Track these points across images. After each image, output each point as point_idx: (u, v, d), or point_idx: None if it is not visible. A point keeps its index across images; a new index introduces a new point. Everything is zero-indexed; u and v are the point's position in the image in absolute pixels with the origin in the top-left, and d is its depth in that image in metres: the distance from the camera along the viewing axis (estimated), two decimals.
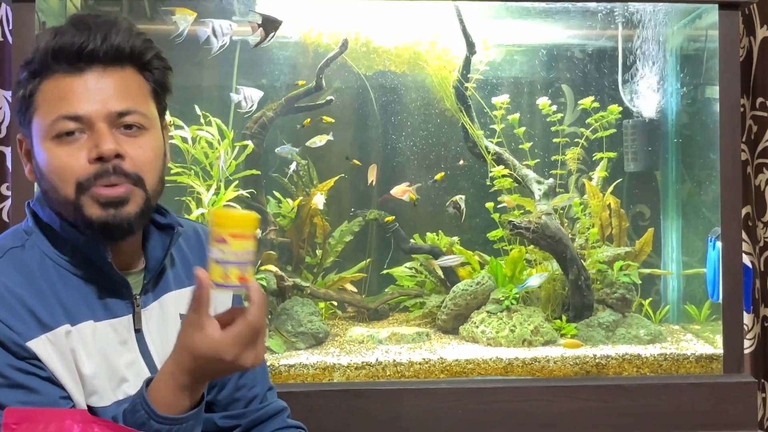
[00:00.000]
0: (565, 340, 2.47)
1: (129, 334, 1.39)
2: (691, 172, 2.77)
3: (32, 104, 1.33)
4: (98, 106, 1.30)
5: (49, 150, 1.31)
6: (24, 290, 1.29)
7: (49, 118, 1.30)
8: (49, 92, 1.31)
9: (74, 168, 1.29)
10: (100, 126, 1.30)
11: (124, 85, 1.33)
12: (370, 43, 2.68)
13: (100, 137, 1.29)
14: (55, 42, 1.30)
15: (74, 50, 1.30)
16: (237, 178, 2.63)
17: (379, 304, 2.75)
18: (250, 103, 2.54)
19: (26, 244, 1.35)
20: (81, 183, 1.29)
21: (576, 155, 2.75)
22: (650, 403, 2.23)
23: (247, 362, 1.25)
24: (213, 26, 2.37)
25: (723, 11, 2.29)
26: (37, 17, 2.16)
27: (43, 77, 1.32)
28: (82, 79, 1.31)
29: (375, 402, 2.18)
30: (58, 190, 1.31)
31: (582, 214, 2.75)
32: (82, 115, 1.29)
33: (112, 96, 1.31)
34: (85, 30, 1.31)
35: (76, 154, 1.29)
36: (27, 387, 1.24)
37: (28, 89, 1.33)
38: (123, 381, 1.36)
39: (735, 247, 2.31)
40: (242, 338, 1.23)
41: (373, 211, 2.78)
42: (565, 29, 2.78)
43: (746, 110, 2.55)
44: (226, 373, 1.30)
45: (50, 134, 1.30)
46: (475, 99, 2.73)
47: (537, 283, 2.54)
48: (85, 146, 1.30)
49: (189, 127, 2.57)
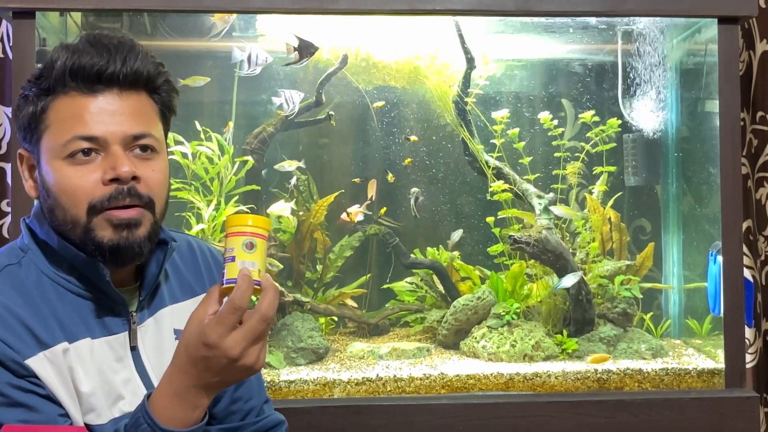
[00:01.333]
0: (591, 356, 2.46)
1: (125, 351, 1.38)
2: (691, 186, 2.77)
3: (42, 121, 1.32)
4: (114, 128, 1.30)
5: (61, 169, 1.30)
6: (21, 308, 1.28)
7: (63, 137, 1.30)
8: (62, 111, 1.31)
9: (87, 189, 1.29)
10: (116, 148, 1.30)
11: (139, 109, 1.34)
12: (370, 58, 2.69)
13: (117, 159, 1.29)
14: (73, 61, 1.30)
15: (94, 72, 1.30)
16: (237, 194, 2.63)
17: (379, 320, 2.74)
18: (291, 105, 2.53)
19: (22, 261, 1.35)
20: (94, 205, 1.29)
21: (576, 169, 2.75)
22: (652, 419, 2.22)
23: (250, 359, 1.22)
24: (250, 53, 2.42)
25: (722, 25, 2.30)
26: (38, 34, 2.17)
27: (57, 95, 1.31)
28: (97, 100, 1.31)
29: (376, 418, 2.18)
30: (68, 210, 1.31)
31: (583, 229, 2.75)
32: (98, 136, 1.30)
33: (128, 119, 1.32)
34: (105, 52, 1.31)
35: (89, 176, 1.29)
36: (26, 405, 1.24)
37: (39, 106, 1.32)
38: (119, 399, 1.35)
39: (736, 261, 2.31)
40: (252, 331, 1.21)
41: (372, 226, 2.78)
42: (564, 44, 2.78)
43: (746, 124, 2.56)
44: (228, 375, 1.24)
45: (63, 153, 1.30)
46: (474, 113, 2.73)
47: (570, 284, 2.52)
48: (99, 168, 1.30)
49: (189, 142, 2.57)
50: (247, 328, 1.21)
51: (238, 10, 2.34)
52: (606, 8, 2.30)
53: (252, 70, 2.43)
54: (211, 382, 1.24)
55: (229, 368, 1.22)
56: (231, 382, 1.28)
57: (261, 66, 2.45)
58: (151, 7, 2.30)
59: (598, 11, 2.34)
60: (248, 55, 2.43)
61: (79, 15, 2.47)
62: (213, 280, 1.55)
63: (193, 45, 2.67)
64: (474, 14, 2.38)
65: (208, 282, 1.55)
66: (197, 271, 1.55)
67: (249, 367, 1.23)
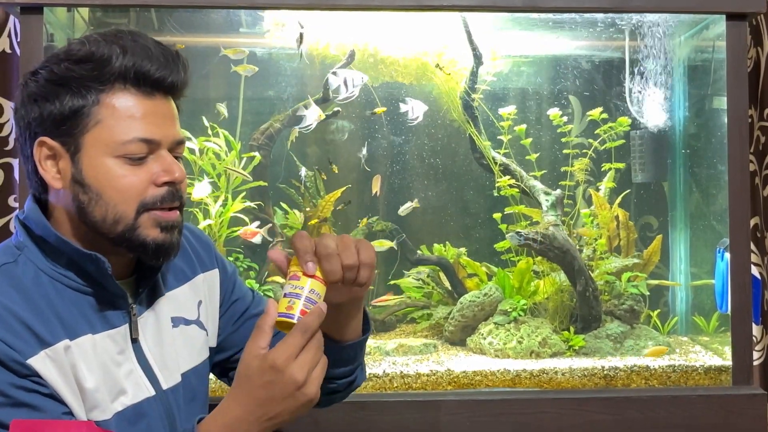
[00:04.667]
0: (648, 350, 2.47)
1: (126, 343, 1.38)
2: (698, 183, 2.76)
3: (91, 115, 1.31)
4: (167, 132, 1.35)
5: (115, 167, 1.31)
6: (20, 307, 1.27)
7: (121, 136, 1.31)
8: (121, 109, 1.31)
9: (140, 188, 1.32)
10: (165, 152, 1.35)
11: (176, 114, 1.40)
12: (378, 53, 2.69)
13: (171, 163, 1.34)
14: (136, 64, 1.31)
15: (155, 78, 1.33)
16: (244, 190, 2.63)
17: (386, 316, 2.74)
18: (351, 88, 2.51)
19: (19, 259, 1.34)
20: (146, 204, 1.33)
21: (584, 166, 2.74)
22: (659, 416, 2.21)
23: (312, 388, 1.25)
24: (345, 78, 2.46)
25: (730, 22, 2.29)
26: (45, 29, 2.17)
27: (114, 91, 1.32)
28: (153, 103, 1.34)
29: (382, 414, 2.18)
30: (115, 206, 1.32)
31: (590, 225, 2.74)
32: (155, 140, 1.33)
33: (174, 123, 1.38)
34: (168, 61, 1.34)
35: (142, 176, 1.32)
36: (29, 405, 1.23)
37: (89, 99, 1.31)
38: (121, 393, 1.35)
39: (743, 259, 2.30)
40: (292, 345, 1.24)
41: (379, 222, 2.78)
42: (572, 40, 2.78)
43: (754, 121, 2.55)
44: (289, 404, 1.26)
45: (119, 152, 1.31)
46: (482, 110, 2.72)
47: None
48: (149, 169, 1.33)
49: (197, 138, 2.57)
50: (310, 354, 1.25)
51: (247, 6, 2.34)
52: (614, 4, 2.30)
53: (350, 93, 2.44)
54: (268, 413, 1.26)
55: (292, 397, 1.25)
56: (289, 413, 1.27)
57: (358, 87, 2.47)
58: (158, 3, 2.30)
59: (605, 7, 2.34)
60: (344, 80, 2.44)
61: (86, 10, 2.47)
62: (201, 261, 1.58)
63: (201, 41, 2.67)
64: (481, 10, 2.38)
65: (198, 264, 1.58)
66: (186, 256, 1.56)
67: (310, 399, 1.26)
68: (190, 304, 1.54)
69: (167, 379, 1.43)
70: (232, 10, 2.48)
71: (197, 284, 1.56)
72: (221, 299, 1.62)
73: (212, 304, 1.59)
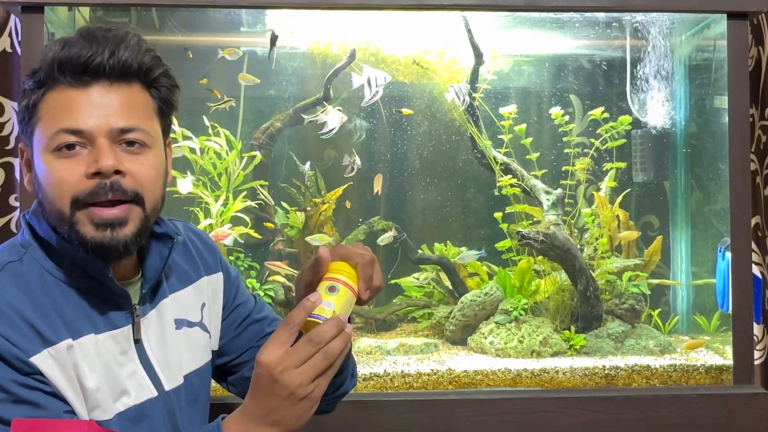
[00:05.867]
0: (686, 342, 2.47)
1: (129, 344, 1.38)
2: (700, 182, 2.76)
3: (35, 114, 1.31)
4: (100, 121, 1.29)
5: (48, 162, 1.29)
6: (24, 305, 1.27)
7: (50, 130, 1.29)
8: (52, 104, 1.30)
9: (71, 182, 1.28)
10: (101, 141, 1.28)
11: (129, 102, 1.32)
12: (379, 53, 2.69)
13: (100, 153, 1.28)
14: (62, 53, 1.29)
15: (80, 63, 1.29)
16: (245, 189, 2.63)
17: (387, 315, 2.74)
18: (374, 88, 2.48)
19: (23, 258, 1.34)
20: (77, 198, 1.28)
21: (585, 165, 2.74)
22: (660, 415, 2.21)
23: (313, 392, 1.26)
24: (369, 77, 2.42)
25: (731, 21, 2.29)
26: (46, 29, 2.16)
27: (48, 88, 1.30)
28: (86, 92, 1.30)
29: (383, 413, 2.18)
30: (54, 204, 1.30)
31: (592, 225, 2.74)
32: (83, 130, 1.28)
33: (115, 112, 1.30)
34: (94, 43, 1.30)
35: (74, 169, 1.28)
36: (31, 402, 1.23)
37: (32, 99, 1.31)
38: (124, 393, 1.35)
39: (744, 258, 2.30)
40: (298, 354, 1.24)
41: (380, 221, 2.78)
42: (573, 39, 2.78)
43: (755, 120, 2.54)
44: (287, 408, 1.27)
45: (50, 147, 1.29)
46: (483, 109, 2.72)
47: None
48: (84, 161, 1.28)
49: (198, 137, 2.57)
50: (312, 363, 1.25)
51: (247, 5, 2.34)
52: (614, 4, 2.30)
53: (375, 92, 2.43)
54: (274, 413, 1.27)
55: (288, 401, 1.26)
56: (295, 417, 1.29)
57: (382, 86, 2.43)
58: (159, 2, 2.30)
59: (606, 7, 2.34)
60: (367, 79, 2.42)
61: (87, 10, 2.47)
62: (206, 264, 1.57)
63: (202, 40, 2.67)
64: (482, 9, 2.38)
65: (202, 267, 1.57)
66: (190, 257, 1.56)
67: (313, 404, 1.28)
68: (194, 307, 1.53)
69: (170, 380, 1.43)
70: (233, 10, 2.48)
71: (201, 287, 1.56)
72: (224, 303, 1.62)
73: (215, 308, 1.59)
